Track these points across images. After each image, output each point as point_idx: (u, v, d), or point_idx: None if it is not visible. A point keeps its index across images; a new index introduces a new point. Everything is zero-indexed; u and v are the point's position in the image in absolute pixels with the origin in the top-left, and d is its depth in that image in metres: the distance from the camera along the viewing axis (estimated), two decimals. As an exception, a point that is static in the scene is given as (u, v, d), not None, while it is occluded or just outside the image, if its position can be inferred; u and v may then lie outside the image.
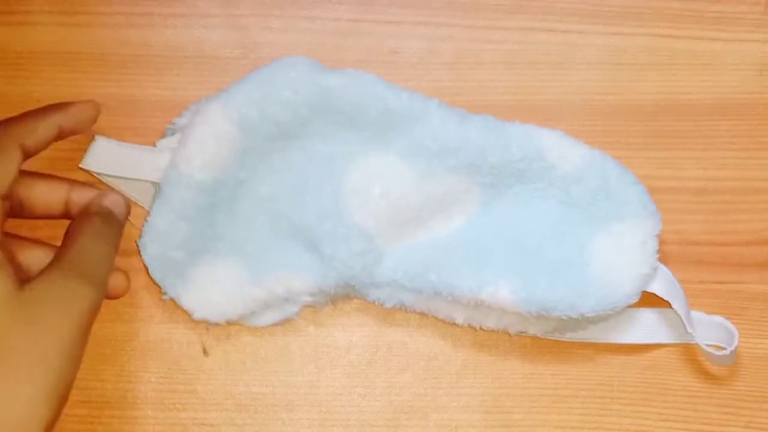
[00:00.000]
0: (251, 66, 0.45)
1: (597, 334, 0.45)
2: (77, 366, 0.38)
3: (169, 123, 0.45)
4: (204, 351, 0.45)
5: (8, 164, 0.40)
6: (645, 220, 0.43)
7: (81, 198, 0.43)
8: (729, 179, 0.47)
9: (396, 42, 0.48)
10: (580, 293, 0.42)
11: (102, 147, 0.44)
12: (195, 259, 0.44)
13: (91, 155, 0.44)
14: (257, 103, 0.43)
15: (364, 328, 0.46)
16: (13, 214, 0.42)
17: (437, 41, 0.48)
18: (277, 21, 0.48)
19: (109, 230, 0.42)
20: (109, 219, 0.43)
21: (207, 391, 0.45)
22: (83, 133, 0.44)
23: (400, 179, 0.43)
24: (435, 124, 0.43)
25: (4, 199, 0.40)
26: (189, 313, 0.44)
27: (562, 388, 0.45)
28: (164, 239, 0.43)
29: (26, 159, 0.42)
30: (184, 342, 0.45)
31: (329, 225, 0.43)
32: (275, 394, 0.45)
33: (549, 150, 0.43)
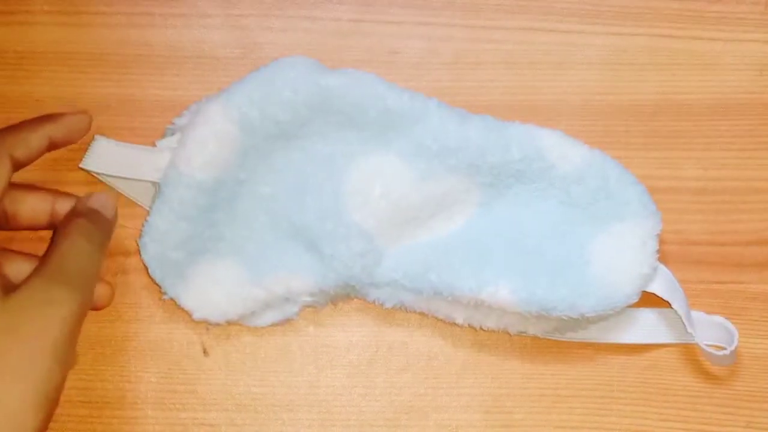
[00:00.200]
0: (251, 66, 0.45)
1: (597, 334, 0.45)
2: (65, 371, 0.38)
3: (169, 123, 0.45)
4: (204, 351, 0.45)
5: None
6: (645, 220, 0.43)
7: (66, 208, 0.43)
8: (729, 179, 0.47)
9: (396, 42, 0.48)
10: (581, 293, 0.42)
11: (102, 147, 0.44)
12: (195, 259, 0.44)
13: (91, 155, 0.44)
14: (257, 103, 0.43)
15: (364, 328, 0.46)
16: None
17: (437, 41, 0.48)
18: (277, 21, 0.48)
19: (95, 231, 0.41)
20: (95, 219, 0.42)
21: (207, 391, 0.45)
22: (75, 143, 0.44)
23: (401, 179, 0.43)
24: (435, 124, 0.43)
25: None
26: (189, 313, 0.44)
27: (563, 388, 0.45)
28: (164, 239, 0.43)
29: (17, 170, 0.41)
30: (184, 342, 0.45)
31: (329, 225, 0.43)
32: (275, 394, 0.45)
33: (549, 150, 0.43)
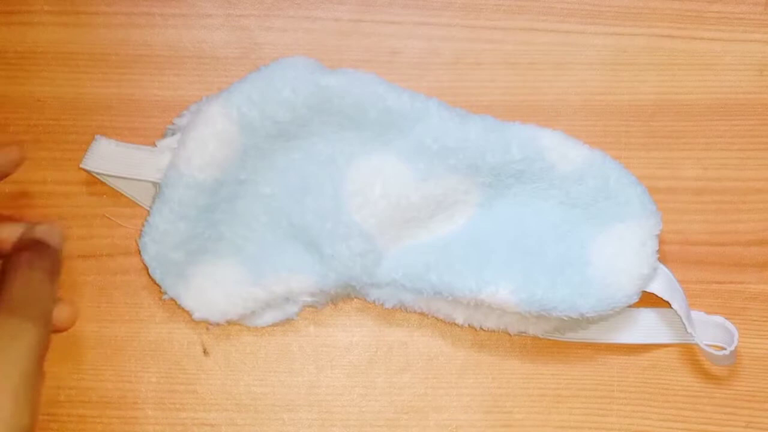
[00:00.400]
0: (251, 66, 0.45)
1: (597, 334, 0.45)
2: (32, 404, 0.36)
3: (169, 123, 0.45)
4: (204, 351, 0.45)
5: None
6: (645, 221, 0.43)
7: (11, 235, 0.41)
8: (729, 179, 0.47)
9: (396, 42, 0.48)
10: (581, 293, 0.42)
11: (102, 147, 0.44)
12: (195, 259, 0.44)
13: (91, 155, 0.44)
14: (257, 103, 0.43)
15: (364, 328, 0.46)
16: None
17: (437, 41, 0.48)
18: (277, 21, 0.48)
19: (44, 261, 0.40)
20: (43, 250, 0.41)
21: (207, 391, 0.45)
22: (7, 177, 0.42)
23: (401, 179, 0.43)
24: (435, 124, 0.43)
25: None
26: (189, 313, 0.44)
27: (563, 388, 0.45)
28: (164, 239, 0.43)
29: None
30: (184, 342, 0.45)
31: (329, 225, 0.43)
32: (275, 394, 0.45)
33: (549, 150, 0.43)
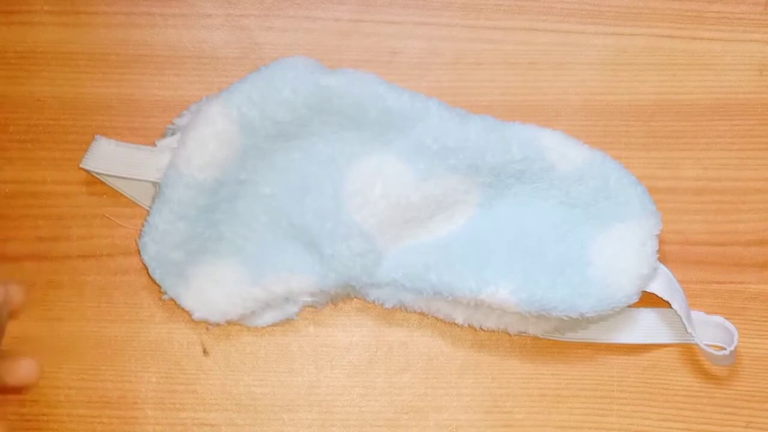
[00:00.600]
0: (251, 66, 0.45)
1: (597, 334, 0.45)
2: None
3: (169, 123, 0.45)
4: (204, 351, 0.45)
5: None
6: (645, 221, 0.43)
7: None
8: (729, 179, 0.47)
9: (396, 42, 0.48)
10: (581, 293, 0.42)
11: (102, 147, 0.44)
12: (195, 259, 0.44)
13: (91, 155, 0.44)
14: (257, 103, 0.43)
15: (364, 328, 0.46)
16: None
17: (438, 41, 0.48)
18: (277, 21, 0.48)
19: None
20: None
21: (207, 391, 0.45)
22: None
23: (401, 179, 0.43)
24: (435, 124, 0.43)
25: None
26: (189, 313, 0.44)
27: (563, 389, 0.45)
28: (164, 239, 0.43)
29: None
30: (184, 342, 0.45)
31: (329, 225, 0.43)
32: (275, 394, 0.45)
33: (549, 150, 0.43)
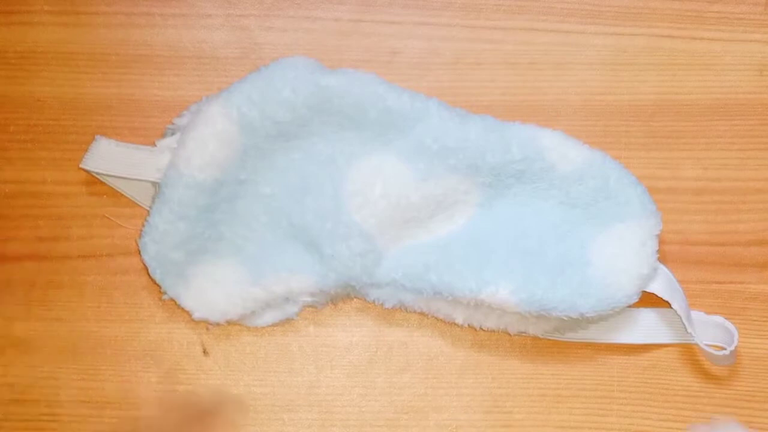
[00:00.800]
0: (251, 66, 0.45)
1: (597, 334, 0.45)
2: None
3: (169, 123, 0.45)
4: (204, 351, 0.45)
5: None
6: (645, 221, 0.43)
7: None
8: (729, 179, 0.47)
9: (396, 42, 0.48)
10: (581, 293, 0.42)
11: (102, 147, 0.44)
12: (195, 259, 0.44)
13: (91, 155, 0.44)
14: (257, 103, 0.43)
15: (364, 328, 0.46)
16: None
17: (438, 41, 0.48)
18: (277, 21, 0.48)
19: None
20: None
21: (207, 391, 0.45)
22: None
23: (401, 179, 0.43)
24: (435, 124, 0.43)
25: None
26: (189, 313, 0.44)
27: (563, 389, 0.45)
28: (164, 239, 0.43)
29: None
30: (184, 342, 0.45)
31: (329, 225, 0.43)
32: (275, 394, 0.45)
33: (549, 150, 0.43)
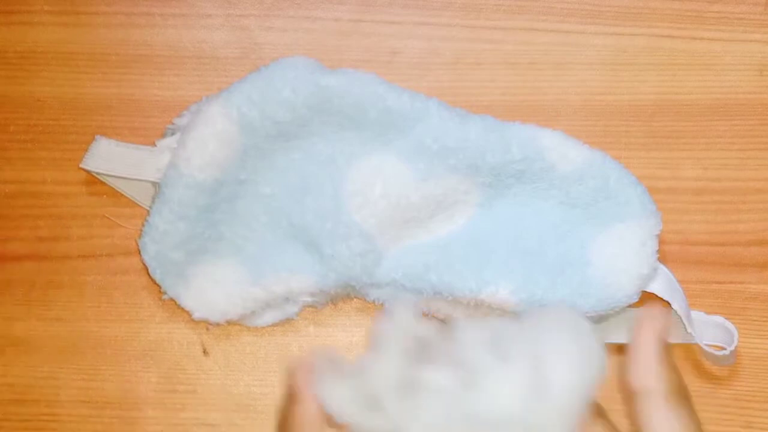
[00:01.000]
0: (251, 66, 0.45)
1: (597, 334, 0.45)
2: None
3: (169, 123, 0.45)
4: (204, 351, 0.45)
5: None
6: (645, 221, 0.43)
7: None
8: (729, 179, 0.47)
9: (396, 42, 0.48)
10: (581, 293, 0.42)
11: (102, 147, 0.44)
12: (195, 259, 0.44)
13: (91, 155, 0.44)
14: (257, 104, 0.43)
15: (364, 328, 0.46)
16: None
17: (438, 41, 0.48)
18: (277, 21, 0.48)
19: None
20: None
21: (207, 391, 0.45)
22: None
23: (401, 179, 0.43)
24: (435, 124, 0.43)
25: None
26: (189, 313, 0.44)
27: (562, 388, 0.45)
28: (164, 239, 0.43)
29: None
30: (184, 342, 0.45)
31: (329, 225, 0.43)
32: (275, 394, 0.45)
33: (549, 150, 0.43)
